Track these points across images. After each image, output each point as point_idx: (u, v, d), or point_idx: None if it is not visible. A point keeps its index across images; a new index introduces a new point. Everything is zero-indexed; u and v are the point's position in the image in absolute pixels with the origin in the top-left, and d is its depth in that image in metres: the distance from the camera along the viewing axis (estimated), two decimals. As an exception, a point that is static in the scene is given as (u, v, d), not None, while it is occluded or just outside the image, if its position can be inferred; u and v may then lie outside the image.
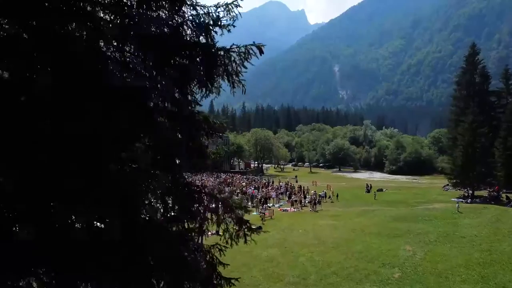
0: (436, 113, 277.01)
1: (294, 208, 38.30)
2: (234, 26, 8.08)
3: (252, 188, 48.09)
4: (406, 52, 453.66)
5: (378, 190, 53.09)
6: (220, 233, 11.67)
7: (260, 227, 27.20)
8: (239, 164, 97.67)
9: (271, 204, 40.94)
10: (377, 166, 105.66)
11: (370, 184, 54.63)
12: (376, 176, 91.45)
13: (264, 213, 32.72)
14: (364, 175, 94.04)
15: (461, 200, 41.79)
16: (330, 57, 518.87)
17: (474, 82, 56.93)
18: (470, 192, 45.87)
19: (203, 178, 64.73)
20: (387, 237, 26.37)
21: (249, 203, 39.91)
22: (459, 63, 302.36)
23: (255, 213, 35.22)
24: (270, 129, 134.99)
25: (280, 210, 37.77)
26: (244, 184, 56.77)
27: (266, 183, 58.79)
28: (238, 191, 46.48)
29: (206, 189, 8.15)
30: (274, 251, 22.99)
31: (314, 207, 37.25)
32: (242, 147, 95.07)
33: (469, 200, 42.32)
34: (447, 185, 57.25)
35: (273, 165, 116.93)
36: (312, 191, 46.87)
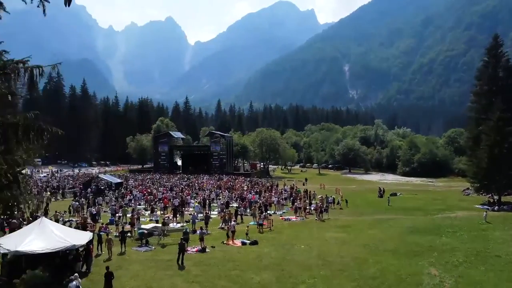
0: (449, 113, 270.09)
1: (297, 217, 33.94)
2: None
3: (253, 193, 43.68)
4: (418, 51, 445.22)
5: (391, 195, 48.59)
6: (208, 249, 14.10)
7: (255, 242, 22.80)
8: (243, 165, 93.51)
9: (272, 212, 36.60)
10: (389, 167, 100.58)
11: (383, 188, 49.98)
12: (389, 178, 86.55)
13: (261, 224, 28.37)
14: (375, 177, 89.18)
15: (487, 207, 37.08)
16: (340, 56, 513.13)
17: (497, 77, 51.81)
18: (496, 197, 41.07)
19: (203, 180, 60.86)
20: (406, 256, 21.93)
21: (248, 211, 35.73)
22: (472, 62, 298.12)
23: (252, 222, 30.96)
24: (278, 129, 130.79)
25: (282, 219, 33.45)
26: (245, 187, 52.55)
27: (270, 187, 54.42)
28: (236, 196, 42.27)
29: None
30: (269, 275, 18.68)
31: (321, 215, 32.86)
32: (246, 148, 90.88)
33: (495, 208, 37.58)
34: (468, 189, 52.58)
35: (280, 166, 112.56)
36: (319, 196, 42.46)
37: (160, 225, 27.55)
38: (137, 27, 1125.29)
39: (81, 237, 19.04)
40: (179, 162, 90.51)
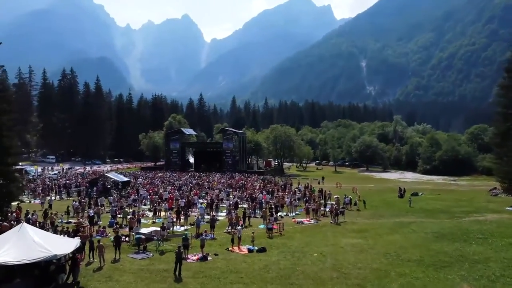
0: (470, 109, 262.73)
1: (310, 219, 31.45)
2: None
3: (264, 193, 41.29)
4: (437, 45, 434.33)
5: (412, 194, 45.56)
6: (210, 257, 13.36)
7: (263, 249, 20.35)
8: (257, 163, 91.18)
9: (284, 213, 34.21)
10: (409, 165, 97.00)
11: (404, 188, 46.91)
12: (408, 177, 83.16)
13: (271, 228, 25.99)
14: (394, 175, 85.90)
15: (520, 210, 33.94)
16: (357, 52, 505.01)
17: (528, 68, 48.05)
18: (529, 199, 37.80)
19: (214, 179, 58.82)
20: (433, 268, 19.29)
21: (258, 212, 33.42)
22: (494, 56, 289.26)
23: (262, 226, 28.66)
24: (293, 125, 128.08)
25: (294, 221, 30.95)
26: (257, 186, 50.24)
27: (283, 186, 51.94)
28: (247, 195, 39.97)
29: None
30: (275, 291, 16.40)
31: (336, 218, 30.29)
32: (260, 145, 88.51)
33: (529, 210, 34.37)
34: (495, 188, 49.15)
35: (295, 164, 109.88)
36: (335, 197, 39.87)
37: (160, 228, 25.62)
38: (154, 25, 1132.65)
39: (65, 246, 17.03)
40: (191, 160, 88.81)
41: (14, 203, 37.25)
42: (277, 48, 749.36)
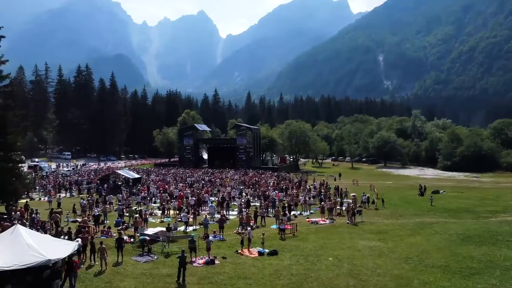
0: (492, 103, 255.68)
1: (326, 219, 29.87)
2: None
3: (277, 191, 39.76)
4: (457, 38, 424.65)
5: (434, 192, 43.57)
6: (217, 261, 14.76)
7: (274, 252, 18.88)
8: (272, 159, 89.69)
9: (297, 213, 32.69)
10: (429, 161, 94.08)
11: (424, 186, 44.79)
12: (428, 173, 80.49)
13: (284, 228, 24.53)
14: (413, 172, 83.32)
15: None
16: (374, 46, 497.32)
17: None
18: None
19: (227, 175, 57.67)
20: (460, 276, 17.61)
21: (270, 210, 31.95)
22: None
23: (274, 226, 27.23)
24: (309, 121, 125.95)
25: (308, 221, 29.42)
26: (271, 183, 48.79)
27: (298, 183, 50.34)
28: (260, 193, 38.54)
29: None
30: (285, 300, 14.98)
31: (353, 218, 28.65)
32: (274, 141, 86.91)
33: (561, 210, 32.11)
34: (522, 186, 46.65)
35: (311, 160, 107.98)
36: (352, 195, 38.10)
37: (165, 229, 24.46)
38: (170, 22, 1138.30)
39: (61, 249, 15.94)
40: (205, 156, 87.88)
41: (23, 201, 36.79)
42: (293, 43, 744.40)
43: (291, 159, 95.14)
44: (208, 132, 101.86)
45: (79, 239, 19.38)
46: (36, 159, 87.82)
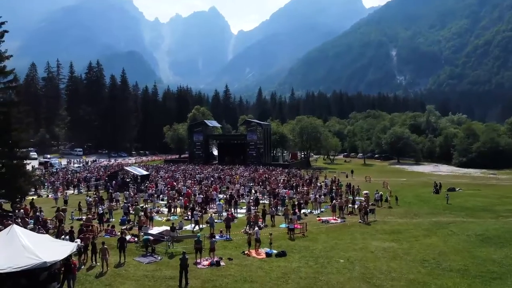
0: (508, 97, 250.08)
1: (337, 218, 28.82)
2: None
3: (287, 189, 38.75)
4: (472, 32, 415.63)
5: (449, 190, 42.13)
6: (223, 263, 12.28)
7: (283, 253, 17.91)
8: (282, 156, 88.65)
9: (308, 211, 31.69)
10: (443, 157, 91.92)
11: (440, 183, 43.26)
12: (443, 170, 78.57)
13: (293, 229, 23.57)
14: (427, 168, 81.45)
15: None
16: (387, 41, 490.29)
17: None
18: None
19: (237, 172, 56.91)
20: (480, 280, 16.52)
21: (280, 208, 30.96)
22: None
23: (283, 225, 26.30)
24: (320, 117, 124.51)
25: (319, 220, 28.42)
26: (282, 180, 47.82)
27: (309, 180, 49.26)
28: (269, 191, 37.57)
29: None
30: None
31: (365, 217, 27.56)
32: (285, 137, 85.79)
33: None
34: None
35: (322, 156, 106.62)
36: (364, 193, 36.99)
37: (179, 227, 23.74)
38: (182, 18, 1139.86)
39: (59, 250, 15.26)
40: (215, 152, 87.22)
41: (31, 198, 36.47)
42: (304, 39, 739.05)
43: (302, 155, 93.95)
44: (219, 128, 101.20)
45: (79, 240, 18.77)
46: (48, 156, 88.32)
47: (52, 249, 15.19)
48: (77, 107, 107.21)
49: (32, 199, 32.35)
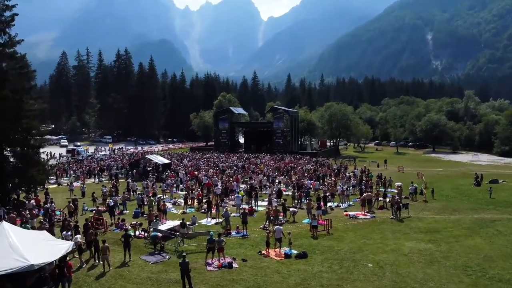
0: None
1: (366, 213, 26.37)
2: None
3: (313, 179, 36.35)
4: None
5: (491, 182, 38.44)
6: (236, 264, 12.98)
7: (303, 254, 15.57)
8: (311, 144, 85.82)
9: (334, 204, 29.32)
10: (483, 146, 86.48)
11: (481, 175, 39.58)
12: (483, 159, 73.68)
13: (316, 225, 21.34)
14: (466, 157, 76.70)
15: None
16: (422, 24, 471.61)
17: None
18: None
19: (262, 161, 54.99)
20: (538, 295, 13.84)
21: (304, 201, 28.73)
22: None
23: (306, 220, 24.12)
24: (351, 103, 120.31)
25: (346, 215, 26.04)
26: (309, 169, 45.46)
27: (337, 170, 46.58)
28: (294, 181, 35.34)
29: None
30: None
31: (398, 213, 24.97)
32: (313, 124, 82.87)
33: None
34: None
35: (353, 144, 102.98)
36: (397, 184, 34.19)
37: (190, 223, 22.11)
38: (212, 5, 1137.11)
39: (51, 251, 13.80)
40: (242, 140, 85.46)
41: (52, 187, 35.89)
42: (335, 24, 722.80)
43: (331, 144, 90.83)
44: (246, 116, 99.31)
45: (79, 236, 17.39)
46: (78, 143, 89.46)
47: (43, 250, 13.75)
48: (107, 95, 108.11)
49: (47, 188, 31.55)
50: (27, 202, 24.95)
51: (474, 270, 16.03)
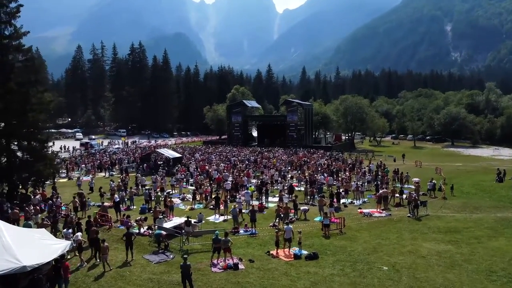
0: None
1: (382, 210, 25.18)
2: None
3: (326, 175, 35.11)
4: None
5: (514, 177, 36.71)
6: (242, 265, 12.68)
7: (314, 255, 14.56)
8: (325, 137, 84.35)
9: (348, 201, 28.16)
10: (505, 140, 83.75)
11: (504, 170, 37.80)
12: (504, 154, 71.11)
13: (328, 224, 20.27)
14: (486, 152, 74.29)
15: None
16: (441, 15, 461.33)
17: None
18: None
19: (275, 155, 54.00)
20: None
21: (316, 197, 27.62)
22: None
23: (318, 218, 23.07)
24: (367, 96, 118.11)
25: (360, 212, 24.91)
26: (323, 162, 44.28)
27: (352, 165, 45.22)
28: (307, 176, 34.26)
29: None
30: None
31: (415, 211, 23.71)
32: (328, 117, 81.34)
33: None
34: None
35: (369, 138, 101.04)
36: (415, 180, 32.78)
37: (196, 221, 21.32)
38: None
39: (46, 251, 13.11)
40: (255, 134, 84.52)
41: (63, 180, 35.59)
42: (352, 16, 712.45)
43: (347, 137, 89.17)
44: (259, 109, 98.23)
45: (79, 234, 16.73)
46: (93, 136, 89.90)
47: (38, 250, 13.07)
48: (121, 89, 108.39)
49: (54, 182, 31.17)
50: (33, 197, 24.55)
51: (499, 276, 14.79)
